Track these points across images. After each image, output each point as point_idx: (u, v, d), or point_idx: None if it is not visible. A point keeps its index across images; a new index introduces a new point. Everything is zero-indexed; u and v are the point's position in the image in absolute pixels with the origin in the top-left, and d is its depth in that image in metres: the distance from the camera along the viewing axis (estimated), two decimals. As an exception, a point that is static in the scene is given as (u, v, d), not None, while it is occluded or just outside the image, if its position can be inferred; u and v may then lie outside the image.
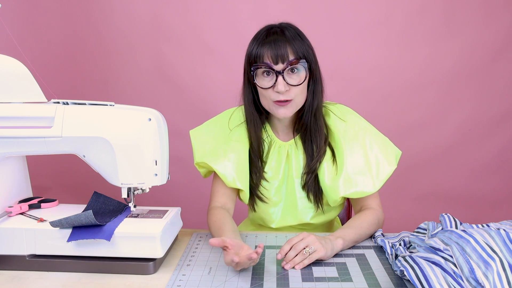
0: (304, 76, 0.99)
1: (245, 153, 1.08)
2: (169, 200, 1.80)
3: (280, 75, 0.97)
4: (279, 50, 0.96)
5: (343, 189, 1.02)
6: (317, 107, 1.05)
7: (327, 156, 1.06)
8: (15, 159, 0.96)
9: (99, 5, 2.09)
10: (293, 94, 0.99)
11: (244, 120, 1.10)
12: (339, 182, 1.02)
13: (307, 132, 1.07)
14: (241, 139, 1.08)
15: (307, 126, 1.06)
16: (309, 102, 1.04)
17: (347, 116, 1.08)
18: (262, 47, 0.98)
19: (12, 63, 0.86)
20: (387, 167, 1.03)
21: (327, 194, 1.05)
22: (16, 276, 0.84)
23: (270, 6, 2.05)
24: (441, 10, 2.06)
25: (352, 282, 0.81)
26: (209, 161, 1.08)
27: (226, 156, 1.07)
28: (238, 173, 1.06)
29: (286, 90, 0.98)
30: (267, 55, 0.97)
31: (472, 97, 2.15)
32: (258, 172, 1.09)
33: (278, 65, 0.97)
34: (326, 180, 1.04)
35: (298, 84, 0.98)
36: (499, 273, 0.71)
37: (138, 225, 0.87)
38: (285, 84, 0.97)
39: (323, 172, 1.05)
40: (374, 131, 1.08)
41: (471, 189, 2.23)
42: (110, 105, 0.88)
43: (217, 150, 1.08)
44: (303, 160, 1.09)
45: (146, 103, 1.21)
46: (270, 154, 1.11)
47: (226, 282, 0.81)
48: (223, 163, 1.06)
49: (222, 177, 1.06)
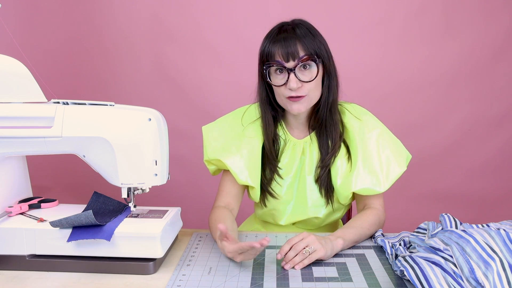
0: (316, 72, 1.00)
1: (258, 149, 1.08)
2: (169, 200, 1.80)
3: (292, 72, 0.98)
4: (289, 47, 0.97)
5: (354, 184, 1.03)
6: (332, 102, 1.06)
7: (341, 153, 1.07)
8: (15, 159, 0.96)
9: (99, 5, 2.09)
10: (306, 90, 1.00)
11: (259, 117, 1.11)
12: (352, 178, 1.04)
13: (322, 127, 1.08)
14: (255, 135, 1.09)
15: (322, 120, 1.07)
16: (325, 97, 1.05)
17: (363, 116, 1.10)
18: (274, 46, 0.99)
19: (12, 63, 0.86)
20: (397, 168, 1.05)
21: (339, 191, 1.06)
22: (16, 276, 0.84)
23: (270, 5, 2.05)
24: (440, 10, 2.06)
25: (352, 282, 0.81)
26: (222, 156, 1.08)
27: (238, 152, 1.07)
28: (250, 170, 1.07)
29: (299, 86, 0.98)
30: (278, 53, 0.98)
31: (472, 97, 2.15)
32: (272, 167, 1.10)
33: (289, 63, 0.98)
34: (338, 176, 1.06)
35: (310, 80, 0.99)
36: (499, 273, 0.71)
37: (138, 225, 0.87)
38: (297, 81, 0.98)
39: (336, 169, 1.06)
40: (387, 133, 1.10)
41: (471, 189, 2.23)
42: (110, 105, 0.88)
43: (230, 146, 1.09)
44: (317, 155, 1.10)
45: (146, 103, 1.21)
46: (285, 152, 1.11)
47: (226, 282, 0.81)
48: (235, 159, 1.07)
49: (233, 174, 1.07)
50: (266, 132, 1.09)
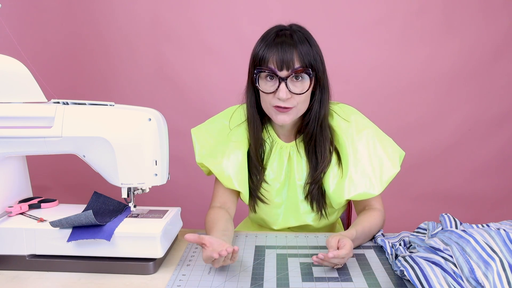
0: (308, 85, 0.96)
1: (244, 154, 1.06)
2: (169, 200, 1.80)
3: (283, 82, 0.93)
4: (285, 55, 0.92)
5: (347, 192, 1.00)
6: (324, 116, 1.02)
7: (332, 161, 1.04)
8: (15, 159, 0.96)
9: (99, 5, 2.09)
10: (295, 102, 0.96)
11: (245, 120, 1.09)
12: (344, 185, 1.01)
13: (311, 141, 1.04)
14: (240, 139, 1.07)
15: (312, 135, 1.03)
16: (316, 111, 1.01)
17: (351, 116, 1.06)
18: (269, 50, 0.94)
19: (12, 63, 0.86)
20: (391, 169, 1.02)
21: (332, 198, 1.04)
22: (16, 276, 0.84)
23: (270, 6, 2.05)
24: (441, 10, 2.06)
25: (352, 282, 0.81)
26: (208, 162, 1.07)
27: (224, 157, 1.05)
28: (237, 175, 1.05)
29: (288, 98, 0.95)
30: (273, 59, 0.94)
31: (472, 97, 2.15)
32: (258, 174, 1.07)
33: (282, 72, 0.94)
34: (331, 184, 1.03)
35: (301, 93, 0.95)
36: (499, 273, 0.71)
37: (138, 225, 0.87)
38: (287, 92, 0.94)
39: (328, 177, 1.03)
40: (378, 131, 1.06)
41: (471, 189, 2.23)
42: (110, 105, 0.88)
43: (216, 151, 1.08)
44: (306, 166, 1.07)
45: (146, 103, 1.21)
46: (272, 154, 1.09)
47: (226, 282, 0.81)
48: (222, 165, 1.05)
49: (220, 179, 1.06)
50: (253, 136, 1.05)
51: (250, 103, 1.05)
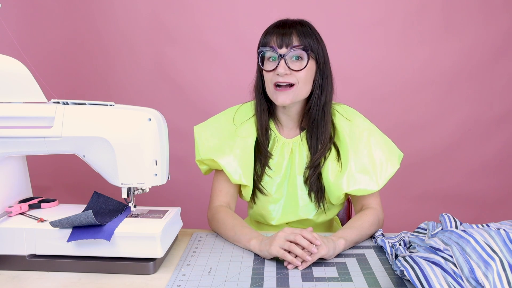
0: (306, 63, 1.01)
1: (251, 148, 1.08)
2: (169, 200, 1.80)
3: (283, 59, 0.99)
4: (284, 35, 1.00)
5: (346, 186, 1.03)
6: (325, 102, 1.06)
7: (332, 155, 1.07)
8: (15, 159, 0.96)
9: (99, 5, 2.09)
10: (295, 79, 1.01)
11: (252, 115, 1.12)
12: (342, 179, 1.04)
13: (313, 127, 1.08)
14: (248, 134, 1.09)
15: (314, 120, 1.07)
16: (317, 96, 1.06)
17: (353, 117, 1.10)
18: (271, 34, 1.03)
19: (12, 63, 0.86)
20: (390, 167, 1.05)
21: (330, 191, 1.06)
22: (16, 276, 0.84)
23: (270, 6, 2.05)
24: (440, 10, 2.06)
25: (352, 282, 0.81)
26: (215, 156, 1.08)
27: (232, 152, 1.07)
28: (244, 169, 1.07)
29: (287, 73, 1.00)
30: (273, 39, 1.01)
31: (472, 97, 2.15)
32: (264, 160, 1.10)
33: (282, 49, 1.00)
34: (330, 177, 1.05)
35: (299, 69, 1.00)
36: (499, 273, 0.71)
37: (138, 225, 0.87)
38: (285, 67, 0.99)
39: (327, 170, 1.06)
40: (378, 133, 1.10)
41: (471, 189, 2.23)
42: (110, 105, 0.88)
43: (223, 145, 1.09)
44: (307, 156, 1.10)
45: (146, 103, 1.21)
46: (274, 150, 1.11)
47: (226, 282, 0.81)
48: (229, 159, 1.07)
49: (227, 174, 1.07)
50: (259, 120, 1.10)
51: (258, 89, 1.10)
